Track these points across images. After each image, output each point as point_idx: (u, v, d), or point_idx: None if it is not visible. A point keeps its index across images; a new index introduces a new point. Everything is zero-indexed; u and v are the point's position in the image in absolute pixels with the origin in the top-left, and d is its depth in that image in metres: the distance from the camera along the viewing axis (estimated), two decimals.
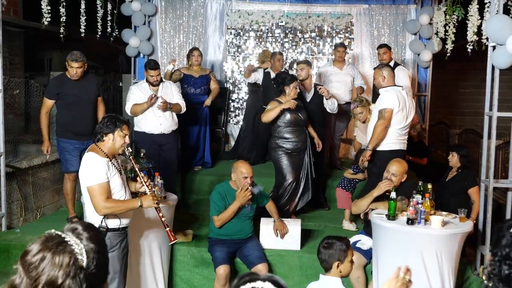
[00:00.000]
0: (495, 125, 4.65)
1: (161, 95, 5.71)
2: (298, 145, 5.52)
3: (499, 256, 1.81)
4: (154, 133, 5.70)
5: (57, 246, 1.54)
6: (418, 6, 7.89)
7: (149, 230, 4.46)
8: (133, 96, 5.74)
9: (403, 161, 4.69)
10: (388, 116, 4.88)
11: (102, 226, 3.64)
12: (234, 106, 8.44)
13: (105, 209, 3.59)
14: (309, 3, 8.11)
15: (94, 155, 3.63)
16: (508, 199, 4.81)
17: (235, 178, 4.61)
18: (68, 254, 1.53)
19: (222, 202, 4.59)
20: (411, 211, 4.07)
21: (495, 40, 4.47)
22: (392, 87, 5.01)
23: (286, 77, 5.56)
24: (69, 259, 1.52)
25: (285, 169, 5.50)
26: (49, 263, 1.51)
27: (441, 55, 7.22)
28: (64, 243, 1.55)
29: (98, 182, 3.56)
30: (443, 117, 10.98)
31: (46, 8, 5.70)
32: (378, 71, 5.11)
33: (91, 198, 3.59)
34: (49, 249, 1.52)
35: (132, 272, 4.36)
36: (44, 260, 1.51)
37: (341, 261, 3.17)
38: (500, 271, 1.79)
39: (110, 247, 3.70)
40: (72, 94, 5.29)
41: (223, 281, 4.46)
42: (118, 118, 3.75)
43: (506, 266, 1.78)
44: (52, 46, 12.29)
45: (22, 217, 5.91)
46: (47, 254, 1.52)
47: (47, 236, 1.57)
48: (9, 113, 6.88)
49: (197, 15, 8.24)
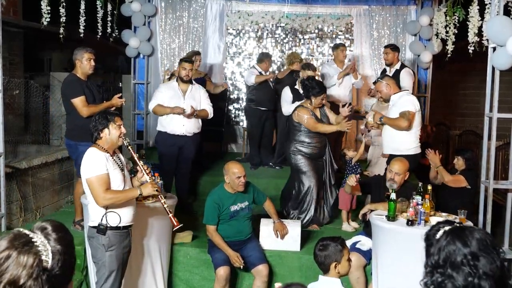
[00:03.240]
0: (495, 126, 4.65)
1: (189, 97, 5.77)
2: (317, 151, 5.49)
3: (430, 265, 1.79)
4: (176, 134, 5.73)
5: (23, 245, 1.53)
6: (418, 7, 7.90)
7: (149, 230, 4.46)
8: (159, 95, 5.78)
9: (404, 160, 4.71)
10: (412, 119, 5.02)
11: (102, 224, 3.66)
12: (234, 107, 8.44)
13: (105, 200, 3.61)
14: (309, 4, 8.11)
15: (94, 149, 3.69)
16: (508, 201, 4.81)
17: (229, 180, 4.58)
18: (33, 254, 1.52)
19: (215, 212, 4.55)
20: (411, 212, 4.06)
21: (495, 41, 4.47)
22: (405, 92, 5.12)
23: (316, 87, 5.47)
24: (34, 260, 1.51)
25: (305, 174, 5.46)
26: (14, 262, 1.50)
27: (441, 56, 7.22)
28: (31, 243, 1.54)
29: (97, 173, 3.59)
30: (443, 118, 10.97)
31: (46, 8, 5.70)
32: (379, 84, 5.28)
33: (91, 191, 3.62)
34: (15, 247, 1.52)
35: (132, 272, 4.36)
36: (9, 258, 1.50)
37: (338, 261, 3.18)
38: (433, 281, 1.76)
39: (108, 245, 3.72)
40: (92, 95, 5.24)
41: (223, 282, 4.46)
42: (108, 112, 3.88)
43: (438, 274, 1.75)
44: (51, 46, 12.31)
45: (22, 218, 5.90)
46: (13, 253, 1.51)
47: (15, 234, 1.57)
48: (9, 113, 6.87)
49: (197, 16, 8.24)
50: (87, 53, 5.08)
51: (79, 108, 4.96)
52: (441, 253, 1.76)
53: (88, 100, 5.06)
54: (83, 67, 5.09)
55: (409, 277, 4.07)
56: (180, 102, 5.73)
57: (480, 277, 1.67)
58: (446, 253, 1.74)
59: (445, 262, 1.73)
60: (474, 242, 1.72)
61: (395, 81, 5.31)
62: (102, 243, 3.70)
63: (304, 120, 5.42)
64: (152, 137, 8.26)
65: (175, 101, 5.73)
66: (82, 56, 5.07)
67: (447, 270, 1.72)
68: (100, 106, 4.98)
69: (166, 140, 5.77)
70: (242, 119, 8.42)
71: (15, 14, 8.84)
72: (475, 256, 1.70)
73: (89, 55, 5.08)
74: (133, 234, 4.11)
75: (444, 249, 1.75)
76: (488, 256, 1.70)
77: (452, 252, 1.73)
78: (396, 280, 4.11)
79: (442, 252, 1.75)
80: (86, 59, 5.07)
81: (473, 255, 1.70)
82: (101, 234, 3.69)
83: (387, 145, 5.33)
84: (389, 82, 5.20)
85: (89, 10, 6.61)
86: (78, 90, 5.01)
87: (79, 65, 5.10)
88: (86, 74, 5.13)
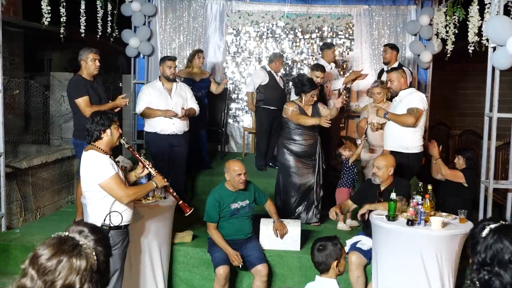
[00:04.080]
0: (495, 126, 4.66)
1: (175, 95, 5.76)
2: (306, 149, 5.51)
3: (477, 263, 1.83)
4: (166, 134, 5.72)
5: (73, 249, 1.50)
6: (418, 7, 7.89)
7: (149, 230, 4.45)
8: (145, 97, 5.75)
9: (388, 156, 4.81)
10: (419, 116, 5.00)
11: (105, 224, 3.65)
12: (234, 106, 8.44)
13: (128, 197, 3.65)
14: (309, 4, 8.10)
15: (94, 152, 3.66)
16: (508, 200, 4.81)
17: (229, 178, 4.60)
18: (85, 258, 1.50)
19: (216, 210, 4.57)
20: (411, 212, 4.06)
21: (495, 41, 4.47)
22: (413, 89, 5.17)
23: (306, 84, 5.52)
24: (86, 263, 1.50)
25: (292, 172, 5.49)
26: (66, 267, 1.47)
27: (441, 56, 7.22)
28: (79, 246, 1.52)
29: (110, 175, 3.59)
30: (443, 118, 10.97)
31: (46, 8, 5.70)
32: (393, 74, 5.21)
33: (111, 192, 3.61)
34: (65, 252, 1.49)
35: (132, 272, 4.36)
36: (61, 263, 1.47)
37: (338, 260, 3.20)
38: (480, 278, 1.80)
39: (112, 245, 3.69)
40: (97, 95, 5.22)
41: (222, 282, 4.46)
42: (109, 112, 3.88)
43: (485, 271, 1.79)
44: (52, 46, 12.30)
45: (22, 218, 5.91)
46: (63, 257, 1.48)
47: (60, 238, 1.54)
48: (9, 113, 6.88)
49: (197, 16, 8.24)
50: (92, 54, 5.13)
51: (82, 108, 4.99)
52: (488, 251, 1.79)
53: (93, 100, 5.08)
54: (88, 68, 5.14)
55: (409, 277, 4.10)
56: (168, 101, 5.72)
57: None
58: (494, 251, 1.78)
59: (492, 260, 1.77)
60: None
61: (407, 78, 5.31)
62: None
63: (288, 112, 5.49)
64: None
65: (162, 100, 5.72)
66: (87, 57, 5.13)
67: (494, 268, 1.76)
68: (103, 106, 4.99)
69: (157, 140, 5.74)
70: (242, 119, 8.42)
71: (15, 14, 8.84)
72: None
73: (93, 56, 5.13)
74: (133, 234, 4.12)
75: (492, 247, 1.79)
76: None
77: (500, 250, 1.76)
78: (396, 280, 4.12)
79: (489, 250, 1.79)
80: (91, 59, 5.12)
81: None
82: None
83: (389, 141, 5.22)
84: (403, 75, 5.18)
85: (89, 10, 6.61)
86: (82, 90, 5.05)
87: (84, 65, 5.15)
88: (91, 74, 5.18)
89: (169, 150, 5.76)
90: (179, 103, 5.76)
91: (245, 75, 8.30)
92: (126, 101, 5.24)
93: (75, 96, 5.05)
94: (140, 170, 4.01)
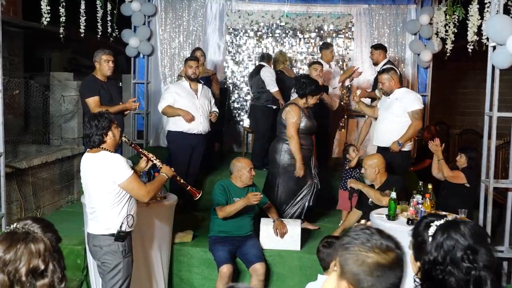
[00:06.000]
0: (495, 125, 4.65)
1: (202, 96, 5.83)
2: (308, 152, 5.43)
3: (428, 262, 1.76)
4: (192, 133, 5.73)
5: (26, 236, 1.56)
6: (418, 6, 7.89)
7: (149, 230, 4.45)
8: (168, 96, 5.75)
9: (375, 155, 4.89)
10: (421, 117, 5.13)
11: (122, 231, 3.55)
12: (234, 106, 8.44)
13: (148, 194, 3.62)
14: (309, 3, 8.10)
15: (108, 153, 3.54)
16: (508, 200, 4.81)
17: (240, 175, 4.67)
18: (41, 240, 1.56)
19: (223, 194, 4.62)
20: (411, 211, 4.06)
21: (495, 40, 4.46)
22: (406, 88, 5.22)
23: (313, 86, 5.28)
24: (44, 245, 1.56)
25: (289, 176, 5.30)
26: (26, 253, 1.52)
27: (441, 55, 7.22)
28: (30, 233, 1.58)
29: (130, 174, 3.52)
30: (443, 117, 10.97)
31: (46, 8, 5.70)
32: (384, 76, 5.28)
33: (131, 192, 3.56)
34: (20, 241, 1.54)
35: (132, 272, 4.34)
36: (19, 251, 1.52)
37: None
38: (433, 277, 1.74)
39: (127, 251, 3.64)
40: (109, 95, 5.22)
41: (226, 280, 4.43)
42: (105, 113, 3.69)
43: (438, 271, 1.73)
44: (51, 46, 12.30)
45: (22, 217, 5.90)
46: (20, 245, 1.53)
47: (8, 232, 1.60)
48: (9, 113, 6.87)
49: (197, 15, 8.23)
50: (105, 55, 5.22)
51: (91, 107, 5.04)
52: (439, 250, 1.73)
53: (103, 100, 5.14)
54: (102, 69, 5.23)
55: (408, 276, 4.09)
56: (195, 102, 5.76)
57: (481, 269, 1.68)
58: (445, 249, 1.72)
59: (445, 259, 1.71)
60: (470, 235, 1.71)
61: (398, 77, 5.38)
62: (121, 249, 3.58)
63: (290, 120, 5.17)
64: (152, 137, 8.27)
65: (189, 100, 5.74)
66: (100, 58, 5.22)
67: (447, 266, 1.71)
68: (112, 108, 4.99)
69: (181, 139, 5.72)
70: (242, 119, 8.42)
71: (15, 14, 8.84)
72: (473, 249, 1.69)
73: (107, 57, 5.22)
74: (134, 234, 4.10)
75: (443, 245, 1.73)
76: (485, 248, 1.70)
77: (452, 248, 1.71)
78: None
79: (441, 248, 1.73)
80: (104, 60, 5.21)
81: (472, 248, 1.69)
82: (120, 241, 3.56)
83: (381, 137, 5.34)
84: (393, 77, 5.25)
85: (89, 10, 6.61)
86: (93, 90, 5.14)
87: (98, 66, 5.25)
88: (104, 75, 5.26)
89: (190, 150, 5.78)
90: (206, 104, 5.85)
91: (245, 75, 8.29)
92: (136, 104, 5.36)
93: (85, 96, 5.14)
94: (144, 164, 3.97)
